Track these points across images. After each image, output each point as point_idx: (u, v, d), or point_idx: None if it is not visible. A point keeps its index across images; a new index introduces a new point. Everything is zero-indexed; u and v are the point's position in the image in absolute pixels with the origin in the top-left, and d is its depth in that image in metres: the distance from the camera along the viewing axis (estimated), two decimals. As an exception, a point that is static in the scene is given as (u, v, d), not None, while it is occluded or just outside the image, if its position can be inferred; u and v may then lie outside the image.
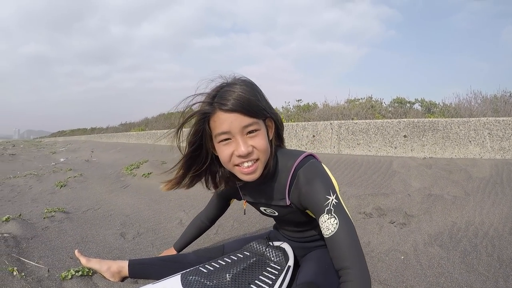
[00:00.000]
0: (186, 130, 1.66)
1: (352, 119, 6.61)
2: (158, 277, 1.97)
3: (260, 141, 1.51)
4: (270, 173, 1.65)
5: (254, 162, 1.53)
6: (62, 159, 10.57)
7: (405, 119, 4.92)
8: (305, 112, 8.31)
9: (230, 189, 1.90)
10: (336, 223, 1.43)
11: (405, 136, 4.84)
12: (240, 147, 1.48)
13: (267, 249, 1.93)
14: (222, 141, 1.52)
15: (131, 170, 6.48)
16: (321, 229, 1.48)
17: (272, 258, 1.88)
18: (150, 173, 5.97)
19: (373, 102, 7.85)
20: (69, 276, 2.07)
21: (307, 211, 1.69)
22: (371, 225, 2.90)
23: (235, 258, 1.90)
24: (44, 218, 3.31)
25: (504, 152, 4.20)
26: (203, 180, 1.81)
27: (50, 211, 3.55)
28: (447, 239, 2.58)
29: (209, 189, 1.84)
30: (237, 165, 1.55)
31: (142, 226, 3.32)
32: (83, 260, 2.15)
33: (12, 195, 4.91)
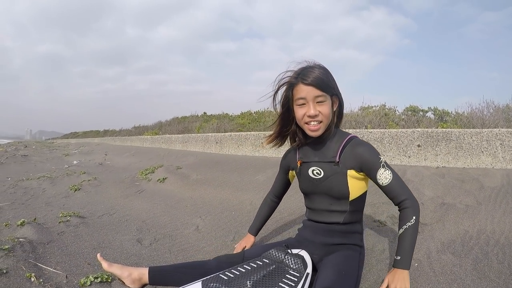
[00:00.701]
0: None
1: (366, 126, 6.61)
2: (178, 284, 2.01)
3: (325, 109, 2.02)
4: (329, 136, 2.15)
5: (319, 123, 2.04)
6: (75, 162, 10.59)
7: (419, 129, 4.91)
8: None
9: (291, 156, 2.42)
10: (390, 174, 2.02)
11: (419, 146, 4.84)
12: (310, 109, 2.00)
13: (286, 256, 1.99)
14: (299, 104, 2.05)
15: (146, 174, 6.45)
16: (379, 180, 2.03)
17: (291, 265, 1.92)
18: (165, 178, 5.95)
19: (386, 110, 7.83)
20: (88, 283, 2.10)
21: (349, 172, 2.10)
22: (385, 233, 2.92)
23: (255, 266, 1.94)
24: (60, 222, 3.34)
25: (516, 162, 4.21)
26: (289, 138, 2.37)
27: (65, 215, 3.59)
28: (459, 247, 2.60)
29: (292, 143, 2.39)
30: (306, 123, 2.06)
31: (159, 232, 3.34)
32: (105, 265, 2.17)
33: (25, 198, 4.95)
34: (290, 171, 2.50)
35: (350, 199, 2.13)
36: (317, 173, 2.18)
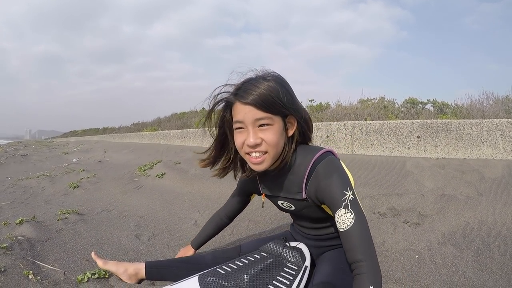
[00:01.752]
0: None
1: (365, 119, 6.60)
2: (175, 279, 1.99)
3: (270, 135, 1.59)
4: (288, 167, 1.74)
5: (263, 154, 1.63)
6: (74, 160, 10.59)
7: (419, 120, 4.91)
8: (318, 112, 8.31)
9: (250, 184, 2.08)
10: (352, 218, 1.51)
11: (418, 137, 4.83)
12: (249, 137, 1.59)
13: (284, 249, 1.95)
14: (237, 128, 1.65)
15: (144, 170, 6.46)
16: (337, 223, 1.55)
17: (289, 259, 1.89)
18: (164, 173, 5.95)
19: (385, 102, 7.84)
20: (86, 279, 2.08)
21: (323, 206, 1.73)
22: (385, 225, 2.91)
23: (252, 259, 1.92)
24: (58, 220, 3.33)
25: (516, 153, 4.20)
26: (232, 170, 1.97)
27: (64, 213, 3.57)
28: (460, 239, 2.59)
29: (235, 178, 2.03)
30: (247, 153, 1.66)
31: (157, 228, 3.33)
32: (100, 262, 2.17)
33: (25, 196, 4.94)
34: (253, 194, 2.27)
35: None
36: (287, 205, 1.90)
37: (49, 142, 29.49)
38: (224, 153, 1.88)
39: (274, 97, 1.58)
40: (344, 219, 1.52)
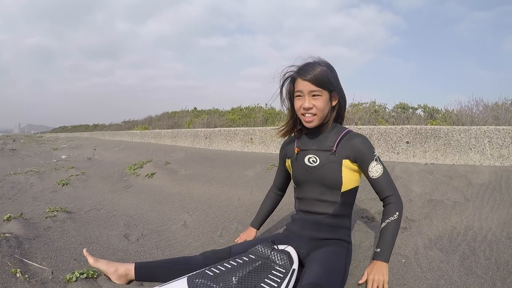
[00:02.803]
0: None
1: (356, 123, 6.63)
2: (165, 280, 2.00)
3: (319, 103, 2.12)
4: (328, 128, 2.24)
5: (313, 115, 2.15)
6: (63, 156, 10.53)
7: (408, 126, 4.93)
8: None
9: (289, 145, 2.49)
10: (381, 169, 2.14)
11: (407, 142, 4.86)
12: (305, 102, 2.12)
13: (272, 252, 1.98)
14: (297, 96, 2.19)
15: (134, 169, 6.44)
16: (369, 173, 2.15)
17: (277, 261, 1.91)
18: (154, 173, 5.93)
19: (376, 107, 7.87)
20: (74, 279, 2.07)
21: (344, 162, 2.19)
22: (373, 229, 2.92)
23: (241, 261, 1.94)
24: (46, 217, 3.32)
25: (503, 160, 4.24)
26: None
27: (52, 211, 3.56)
28: (446, 243, 2.62)
29: (292, 134, 2.48)
30: (302, 114, 2.18)
31: (146, 228, 3.33)
32: (91, 260, 2.16)
33: (12, 192, 4.92)
34: (287, 160, 2.52)
35: (342, 190, 2.19)
36: (313, 160, 2.26)
37: (39, 137, 29.28)
38: (293, 119, 2.34)
39: (324, 77, 2.10)
40: (377, 169, 2.13)
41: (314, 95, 2.12)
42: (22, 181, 5.84)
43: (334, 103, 2.23)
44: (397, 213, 2.09)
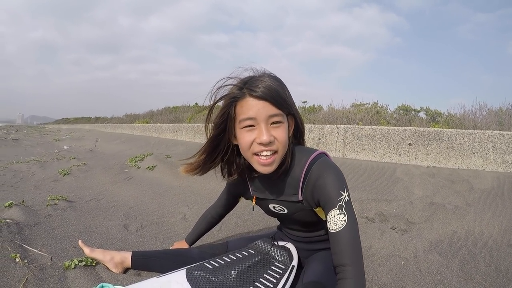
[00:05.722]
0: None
1: (357, 123, 6.62)
2: (161, 270, 2.01)
3: (281, 134, 1.53)
4: (284, 169, 1.64)
5: (272, 154, 1.54)
6: (65, 147, 10.56)
7: (411, 128, 4.93)
8: (310, 113, 8.32)
9: (240, 186, 1.96)
10: (345, 220, 1.47)
11: (410, 144, 4.85)
12: (262, 135, 1.49)
13: (272, 248, 1.96)
14: (245, 127, 1.53)
15: (135, 162, 6.46)
16: (328, 224, 1.51)
17: (277, 257, 1.89)
18: (155, 166, 5.96)
19: (378, 108, 7.86)
20: (72, 266, 2.07)
21: (316, 209, 1.70)
22: (373, 230, 2.92)
23: (240, 256, 1.92)
24: (47, 205, 3.31)
25: (506, 166, 4.22)
26: (218, 168, 1.84)
27: (53, 199, 3.56)
28: (446, 247, 2.61)
29: (223, 177, 1.87)
30: (256, 154, 1.56)
31: (145, 219, 3.32)
32: (87, 250, 2.16)
33: (14, 180, 4.91)
34: (241, 197, 2.17)
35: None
36: (280, 209, 1.84)
37: (41, 128, 29.35)
38: (214, 156, 1.73)
39: (283, 94, 1.54)
40: (336, 220, 1.48)
41: (274, 122, 1.53)
42: (24, 169, 5.84)
43: (291, 131, 1.68)
44: None
